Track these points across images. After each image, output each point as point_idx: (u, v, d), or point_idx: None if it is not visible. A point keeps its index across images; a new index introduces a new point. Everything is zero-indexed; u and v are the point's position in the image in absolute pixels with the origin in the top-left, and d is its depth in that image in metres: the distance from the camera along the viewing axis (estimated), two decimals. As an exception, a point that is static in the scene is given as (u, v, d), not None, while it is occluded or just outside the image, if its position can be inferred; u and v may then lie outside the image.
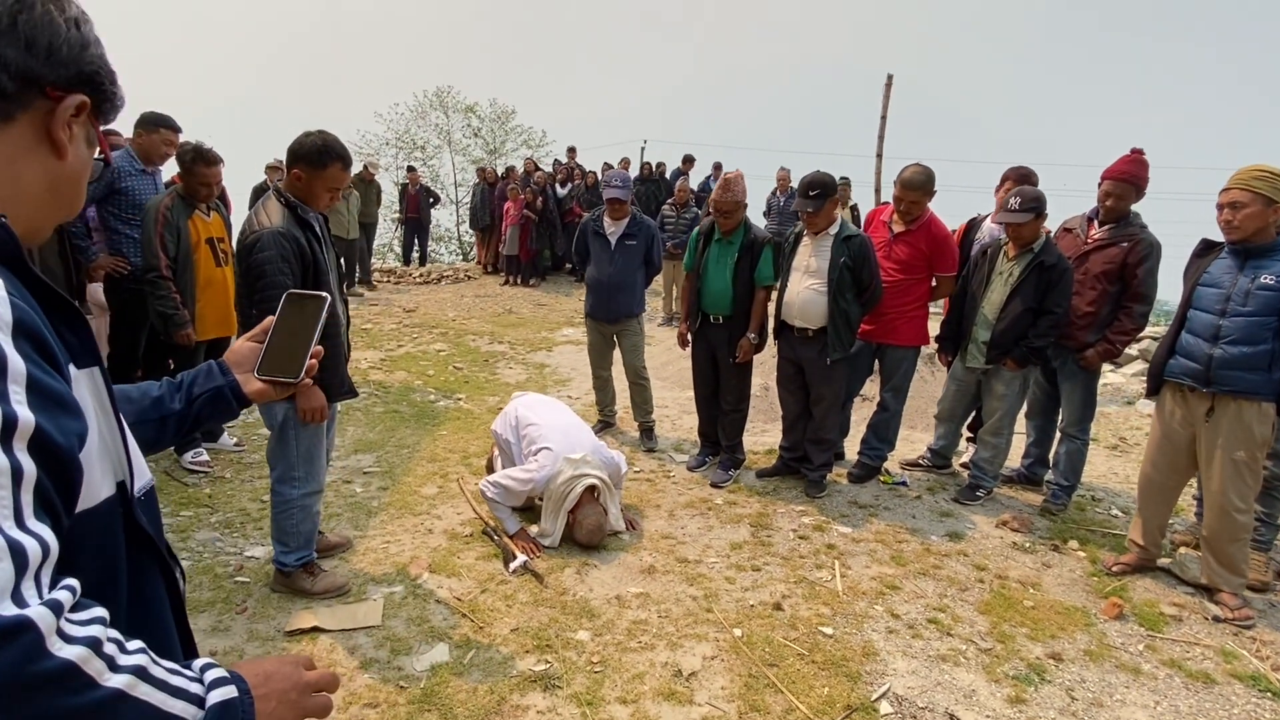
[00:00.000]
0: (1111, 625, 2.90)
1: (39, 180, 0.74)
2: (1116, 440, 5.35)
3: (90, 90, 0.76)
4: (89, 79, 0.76)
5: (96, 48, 0.77)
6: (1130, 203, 3.64)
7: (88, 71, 0.75)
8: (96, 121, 0.80)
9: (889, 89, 12.67)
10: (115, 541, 0.72)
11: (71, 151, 0.76)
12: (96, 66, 0.76)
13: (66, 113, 0.74)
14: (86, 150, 0.79)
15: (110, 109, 0.81)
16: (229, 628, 2.60)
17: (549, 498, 3.27)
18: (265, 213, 2.53)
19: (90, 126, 0.79)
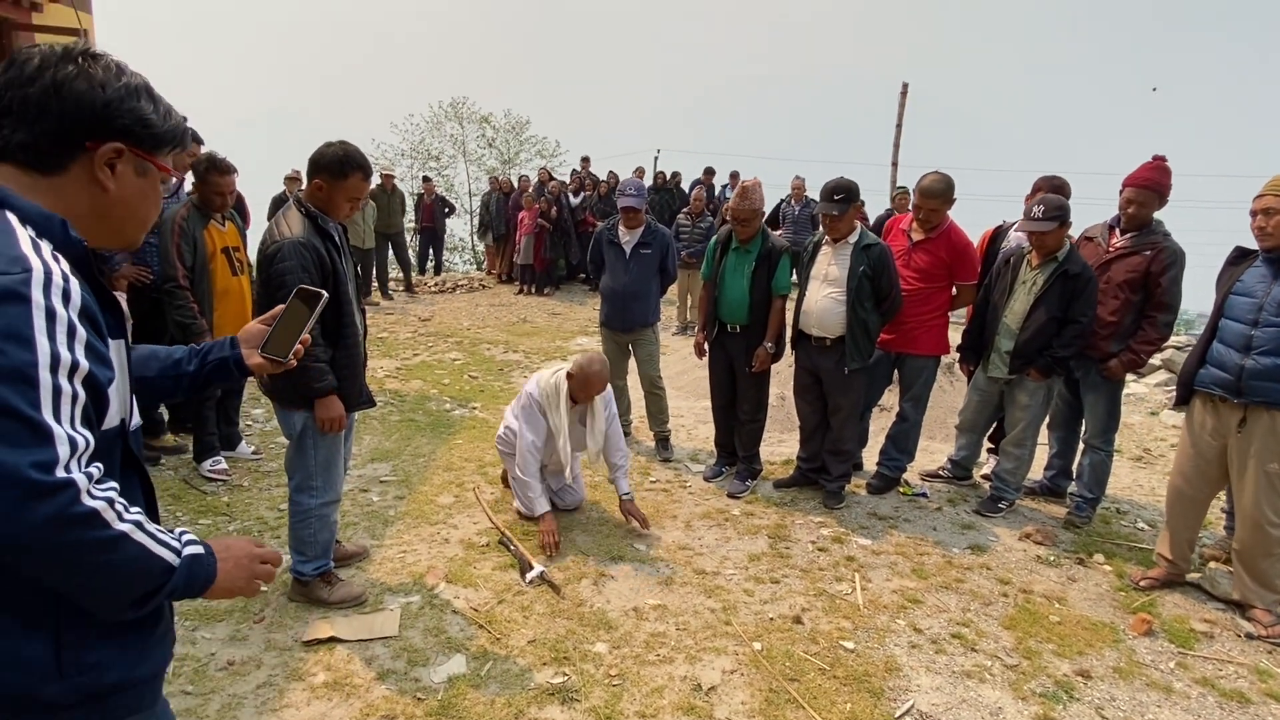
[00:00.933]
0: (1140, 642, 2.83)
1: (90, 208, 1.00)
2: (1141, 452, 5.26)
3: (124, 137, 0.99)
4: (122, 130, 0.98)
5: (133, 100, 0.99)
6: (1152, 210, 3.58)
7: (119, 125, 0.98)
8: (147, 155, 1.02)
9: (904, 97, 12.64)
10: (115, 454, 1.01)
11: (115, 185, 1.00)
12: (127, 120, 0.99)
13: (103, 159, 0.98)
14: (138, 180, 1.03)
15: (156, 144, 1.03)
16: (246, 637, 2.60)
17: (546, 401, 3.46)
18: (286, 222, 2.54)
19: (139, 161, 1.02)
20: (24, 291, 0.84)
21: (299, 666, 2.45)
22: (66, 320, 0.87)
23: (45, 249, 0.90)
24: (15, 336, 0.82)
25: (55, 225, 0.94)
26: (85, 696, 0.95)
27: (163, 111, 1.04)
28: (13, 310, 0.83)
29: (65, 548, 0.83)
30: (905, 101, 12.79)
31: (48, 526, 0.81)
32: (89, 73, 0.96)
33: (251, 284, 4.17)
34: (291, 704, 2.28)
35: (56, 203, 0.96)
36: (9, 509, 0.79)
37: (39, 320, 0.84)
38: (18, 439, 0.80)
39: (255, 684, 2.36)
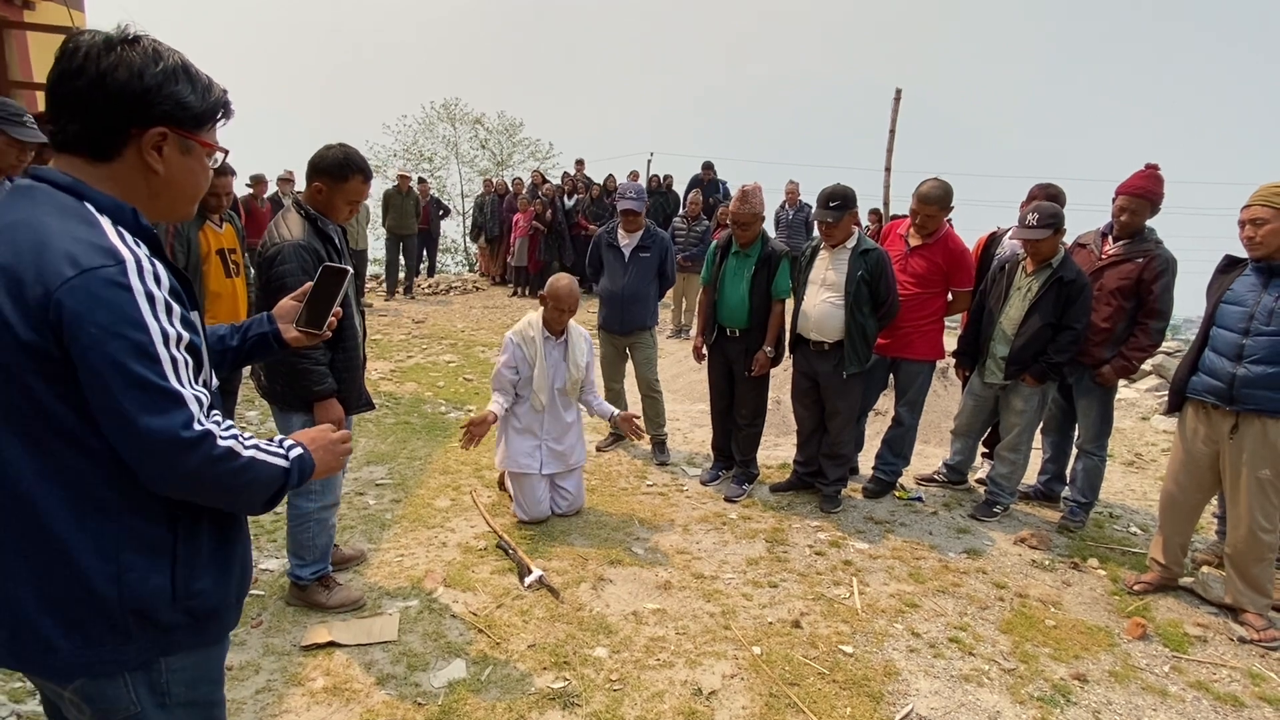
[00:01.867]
0: (1135, 645, 2.85)
1: (146, 190, 1.09)
2: (1132, 456, 5.31)
3: (166, 121, 1.06)
4: (164, 115, 1.05)
5: (170, 84, 1.05)
6: (1145, 218, 3.62)
7: (160, 111, 1.05)
8: (189, 134, 1.09)
9: (898, 103, 12.70)
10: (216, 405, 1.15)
11: (163, 167, 1.08)
12: (168, 105, 1.05)
13: (149, 144, 1.06)
14: (184, 158, 1.10)
15: (197, 123, 1.10)
16: (244, 641, 2.58)
17: (524, 342, 3.62)
18: (286, 225, 2.54)
19: (183, 140, 1.09)
20: (125, 280, 0.97)
21: (298, 671, 2.44)
22: (163, 300, 1.00)
23: (128, 238, 1.01)
24: (130, 321, 0.96)
25: (127, 214, 1.05)
26: (192, 618, 1.13)
27: (200, 90, 1.09)
28: (122, 297, 0.96)
29: (215, 479, 1.04)
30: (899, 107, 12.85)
31: (200, 468, 1.02)
32: (129, 61, 1.01)
33: (248, 286, 4.14)
34: (291, 709, 2.27)
35: (117, 188, 1.06)
36: (173, 462, 1.00)
37: (143, 304, 0.98)
38: (162, 406, 0.98)
39: (254, 689, 2.34)
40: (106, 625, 1.06)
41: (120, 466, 1.02)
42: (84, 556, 1.03)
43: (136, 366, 0.96)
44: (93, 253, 0.96)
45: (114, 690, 1.09)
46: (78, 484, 1.02)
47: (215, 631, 1.20)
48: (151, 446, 0.99)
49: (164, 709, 1.15)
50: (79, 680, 1.08)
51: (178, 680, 1.16)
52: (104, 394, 0.97)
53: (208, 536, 1.15)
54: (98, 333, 0.94)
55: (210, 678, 1.24)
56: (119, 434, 0.99)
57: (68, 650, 1.04)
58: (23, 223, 0.98)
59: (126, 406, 0.97)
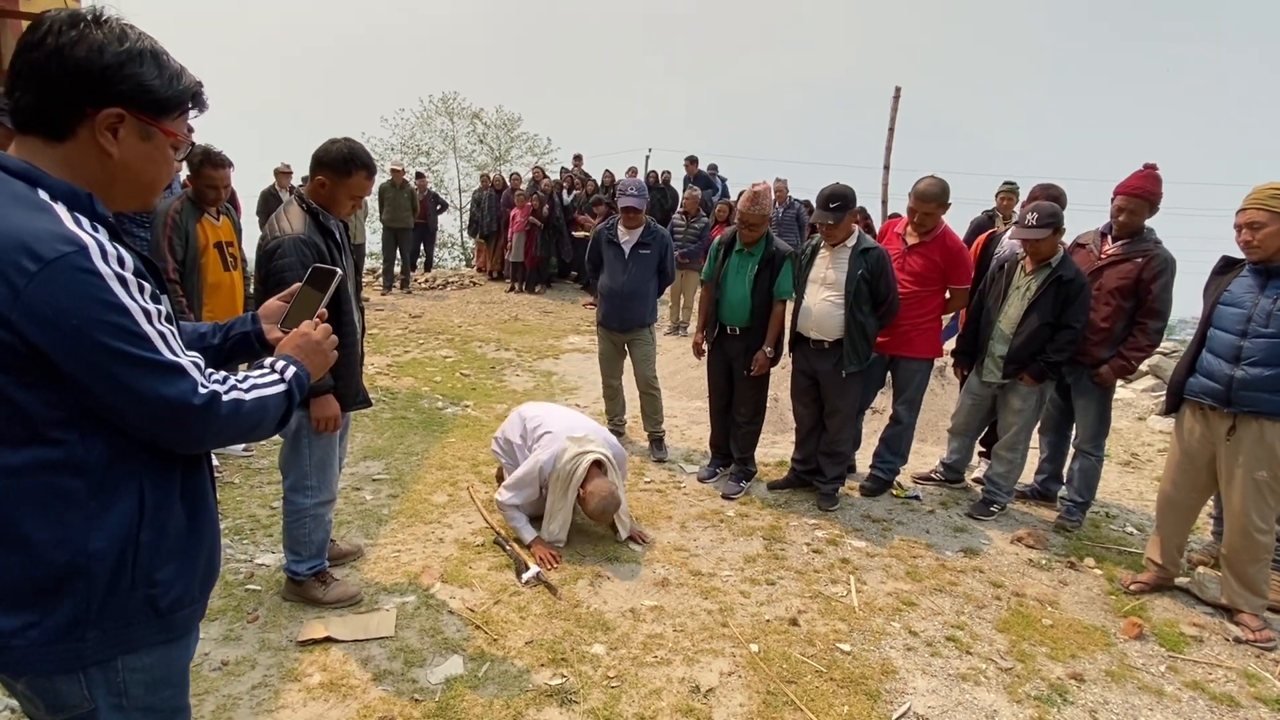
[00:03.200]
0: (1132, 645, 2.86)
1: (100, 174, 1.05)
2: (1129, 456, 5.32)
3: (125, 103, 1.02)
4: (121, 95, 1.01)
5: (133, 65, 1.02)
6: (1144, 218, 3.63)
7: (118, 90, 1.01)
8: (150, 119, 1.05)
9: (897, 101, 12.69)
10: None
11: (118, 150, 1.04)
12: (126, 85, 1.01)
13: (103, 124, 1.02)
14: (143, 144, 1.06)
15: (159, 108, 1.06)
16: (240, 636, 2.57)
17: (555, 481, 3.23)
18: (287, 218, 2.52)
19: (143, 125, 1.05)
20: (90, 265, 0.95)
21: (294, 667, 2.43)
22: (133, 280, 1.00)
23: (85, 223, 0.99)
24: (108, 305, 0.96)
25: (83, 199, 1.02)
26: (153, 610, 1.12)
27: (168, 76, 1.06)
28: (92, 283, 0.95)
29: (231, 428, 1.09)
30: (898, 106, 12.84)
31: (215, 425, 1.06)
32: (90, 38, 0.99)
33: (245, 279, 4.12)
34: (287, 705, 2.26)
35: (72, 172, 1.02)
36: (191, 426, 1.05)
37: (115, 286, 0.97)
38: (168, 379, 1.01)
39: (250, 684, 2.33)
40: (63, 621, 1.03)
41: (87, 455, 1.02)
42: (44, 548, 1.01)
43: (130, 348, 0.97)
44: (52, 241, 0.93)
45: (67, 686, 1.07)
46: (43, 475, 1.00)
47: (178, 625, 1.17)
48: (168, 418, 1.02)
49: (120, 711, 1.12)
50: (29, 675, 1.06)
51: (136, 681, 1.13)
52: (106, 380, 0.97)
53: (174, 526, 1.13)
54: (80, 323, 0.93)
55: (172, 681, 1.20)
56: (132, 413, 1.01)
57: (20, 649, 1.02)
58: None
59: (134, 387, 0.98)
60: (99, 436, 1.03)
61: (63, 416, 0.99)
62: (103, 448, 1.03)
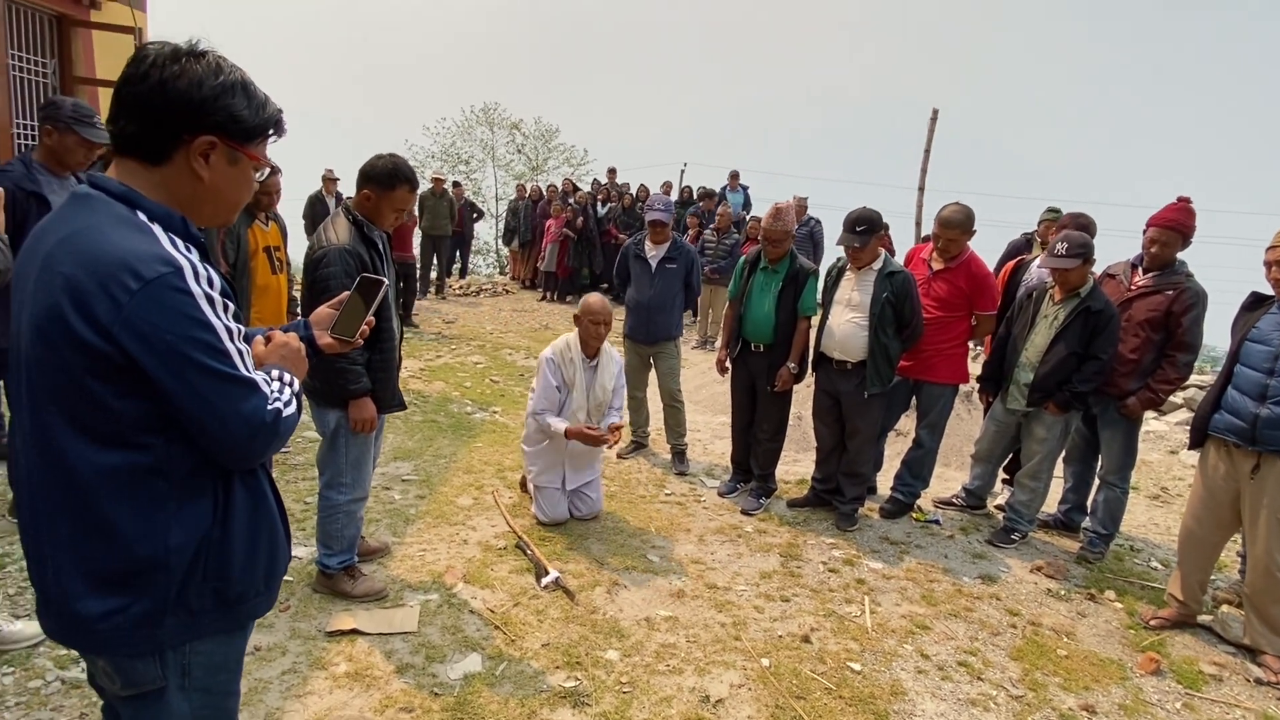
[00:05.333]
0: (1148, 680, 2.85)
1: (191, 195, 1.15)
2: (1158, 490, 5.24)
3: (217, 131, 1.12)
4: (215, 125, 1.11)
5: (226, 97, 1.12)
6: (1176, 251, 3.61)
7: (212, 121, 1.11)
8: (238, 145, 1.16)
9: (934, 122, 12.65)
10: None
11: (208, 175, 1.14)
12: (220, 116, 1.11)
13: (197, 151, 1.12)
14: (230, 168, 1.17)
15: (246, 136, 1.16)
16: (272, 624, 2.69)
17: (565, 363, 3.70)
18: (334, 229, 2.66)
19: (231, 151, 1.15)
20: (184, 285, 1.05)
21: (322, 656, 2.55)
22: (219, 300, 1.10)
23: (180, 245, 1.09)
24: (198, 323, 1.06)
25: (177, 222, 1.12)
26: (220, 601, 1.21)
27: (255, 106, 1.16)
28: (185, 302, 1.05)
29: (279, 442, 1.19)
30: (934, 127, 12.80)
31: (275, 440, 1.17)
32: (191, 72, 1.08)
33: (289, 282, 4.30)
34: (314, 691, 2.37)
35: (166, 194, 1.12)
36: (265, 439, 1.15)
37: (204, 305, 1.07)
38: (244, 394, 1.11)
39: (280, 670, 2.45)
40: (146, 608, 1.13)
41: (171, 459, 1.11)
42: (131, 541, 1.10)
43: (213, 363, 1.07)
44: (152, 262, 1.02)
45: (144, 665, 1.17)
46: (133, 475, 1.09)
47: (241, 616, 1.26)
48: (242, 432, 1.11)
49: (183, 690, 1.22)
50: (111, 656, 1.16)
51: (199, 664, 1.23)
52: (189, 391, 1.06)
53: (240, 526, 1.22)
54: (173, 339, 1.03)
55: (228, 666, 1.30)
56: (211, 425, 1.09)
57: (107, 632, 1.12)
58: (82, 232, 1.05)
59: (213, 398, 1.07)
60: (182, 444, 1.12)
61: (152, 424, 1.08)
62: (185, 453, 1.13)
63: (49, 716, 2.14)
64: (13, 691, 2.22)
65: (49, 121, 2.91)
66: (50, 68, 5.74)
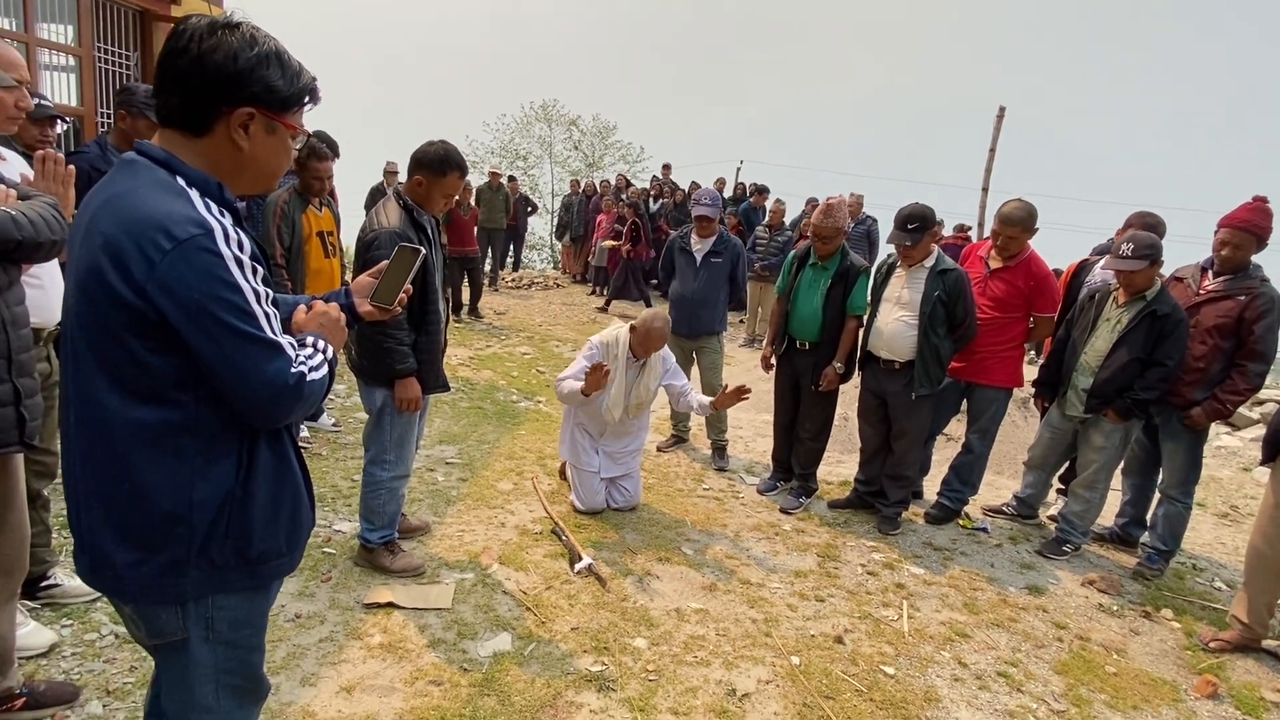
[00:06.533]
0: (1203, 704, 2.70)
1: (232, 164, 1.19)
2: (1227, 509, 4.96)
3: (254, 102, 1.15)
4: (252, 96, 1.15)
5: (262, 69, 1.14)
6: (1250, 253, 3.41)
7: (249, 92, 1.14)
8: (275, 115, 1.18)
9: (1000, 121, 12.25)
10: None
11: (248, 145, 1.17)
12: (256, 87, 1.14)
13: (237, 122, 1.15)
14: (269, 137, 1.20)
15: (283, 106, 1.19)
16: (314, 594, 2.79)
17: (607, 352, 3.68)
18: (385, 213, 2.73)
19: (268, 121, 1.18)
20: (214, 247, 1.08)
21: (358, 626, 2.63)
22: (249, 263, 1.12)
23: (213, 208, 1.12)
24: (226, 283, 1.08)
25: (213, 187, 1.15)
26: (242, 559, 1.25)
27: (290, 75, 1.18)
28: (214, 263, 1.07)
29: (305, 405, 1.21)
30: (1001, 125, 12.38)
31: (298, 403, 1.19)
32: (226, 44, 1.11)
33: (342, 267, 4.44)
34: (349, 660, 2.44)
35: (206, 162, 1.16)
36: (281, 401, 1.16)
37: (233, 267, 1.09)
38: (269, 356, 1.14)
39: (318, 638, 2.54)
40: (169, 560, 1.17)
41: (200, 417, 1.15)
42: (159, 496, 1.14)
43: (239, 323, 1.09)
44: (185, 224, 1.06)
45: (167, 615, 1.22)
46: (162, 430, 1.13)
47: (263, 575, 1.29)
48: (264, 392, 1.14)
49: (207, 643, 1.27)
50: (138, 603, 1.22)
51: (222, 619, 1.26)
52: (217, 350, 1.09)
53: (263, 487, 1.24)
54: (200, 297, 1.06)
55: (252, 623, 1.33)
56: (234, 383, 1.12)
57: (133, 580, 1.17)
58: (124, 194, 1.09)
59: (239, 360, 1.10)
60: (212, 403, 1.15)
61: (184, 380, 1.12)
62: (213, 413, 1.16)
63: (101, 668, 2.27)
64: (70, 643, 2.36)
65: (123, 107, 3.07)
66: (133, 60, 6.05)
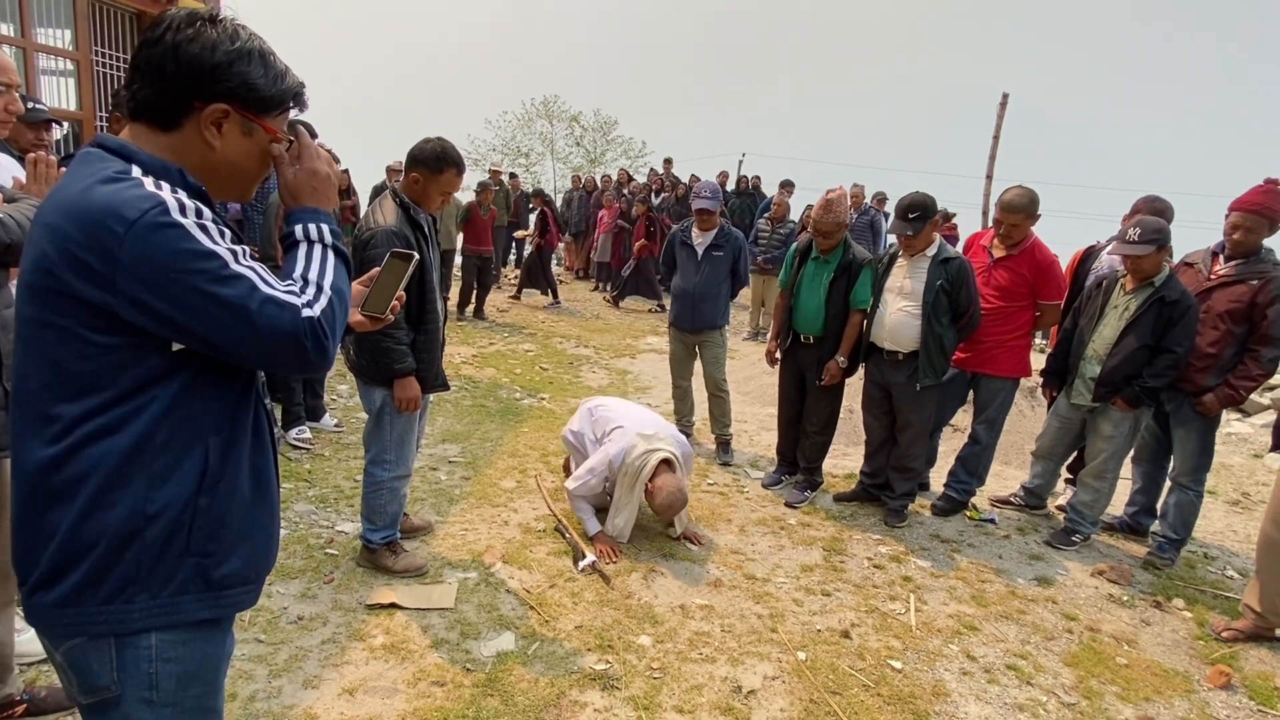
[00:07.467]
0: (1216, 694, 2.66)
1: (201, 164, 1.09)
2: (1239, 496, 4.90)
3: (230, 99, 1.06)
4: (228, 93, 1.06)
5: (241, 64, 1.06)
6: (1261, 237, 3.35)
7: (225, 88, 1.05)
8: (253, 116, 1.09)
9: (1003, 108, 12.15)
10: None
11: (220, 145, 1.08)
12: (234, 83, 1.06)
13: (209, 119, 1.06)
14: (244, 139, 1.10)
15: (263, 106, 1.10)
16: (316, 595, 2.78)
17: (624, 475, 3.28)
18: (381, 211, 2.71)
19: (245, 121, 1.09)
20: (170, 219, 0.96)
21: (361, 627, 2.61)
22: (213, 228, 1.01)
23: (166, 188, 1.01)
24: (196, 253, 0.97)
25: (173, 173, 1.05)
26: (204, 581, 1.10)
27: (274, 75, 1.10)
28: (175, 234, 0.96)
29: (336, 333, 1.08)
30: (1004, 113, 12.28)
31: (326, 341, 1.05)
32: (205, 36, 1.04)
33: (348, 266, 4.43)
34: (351, 661, 2.43)
35: (173, 160, 1.06)
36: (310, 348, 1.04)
37: (198, 234, 0.98)
38: (272, 313, 1.00)
39: (320, 639, 2.52)
40: (116, 580, 1.03)
41: (162, 419, 1.03)
42: (111, 508, 1.02)
43: (227, 290, 0.98)
44: (134, 202, 0.95)
45: (99, 662, 1.05)
46: (121, 436, 1.01)
47: (226, 604, 1.14)
48: (287, 348, 1.02)
49: (150, 706, 1.09)
50: (73, 641, 1.05)
51: (168, 673, 1.09)
52: (216, 324, 0.99)
53: (235, 500, 1.12)
54: (179, 275, 0.96)
55: (205, 679, 1.15)
56: (248, 353, 1.03)
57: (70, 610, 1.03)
58: (70, 185, 1.00)
59: (242, 331, 1.00)
60: (175, 398, 1.04)
61: (149, 377, 1.02)
62: (171, 411, 1.04)
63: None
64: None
65: (119, 109, 3.06)
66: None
